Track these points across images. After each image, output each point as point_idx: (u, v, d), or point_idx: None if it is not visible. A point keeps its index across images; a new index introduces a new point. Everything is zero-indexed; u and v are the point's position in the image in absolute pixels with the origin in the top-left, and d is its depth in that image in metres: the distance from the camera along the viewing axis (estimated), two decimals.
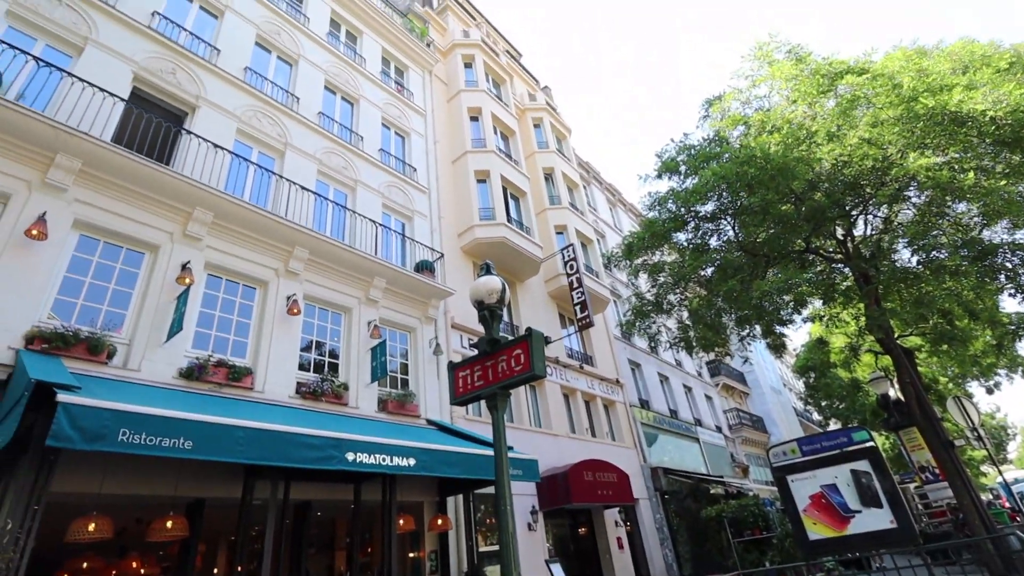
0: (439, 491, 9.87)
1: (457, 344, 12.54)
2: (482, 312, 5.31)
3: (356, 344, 10.09)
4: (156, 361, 7.19)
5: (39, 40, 8.50)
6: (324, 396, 8.87)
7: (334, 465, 6.24)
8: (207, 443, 5.22)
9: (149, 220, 8.03)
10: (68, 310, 6.93)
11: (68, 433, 4.42)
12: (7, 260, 6.48)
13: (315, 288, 9.89)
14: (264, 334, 8.68)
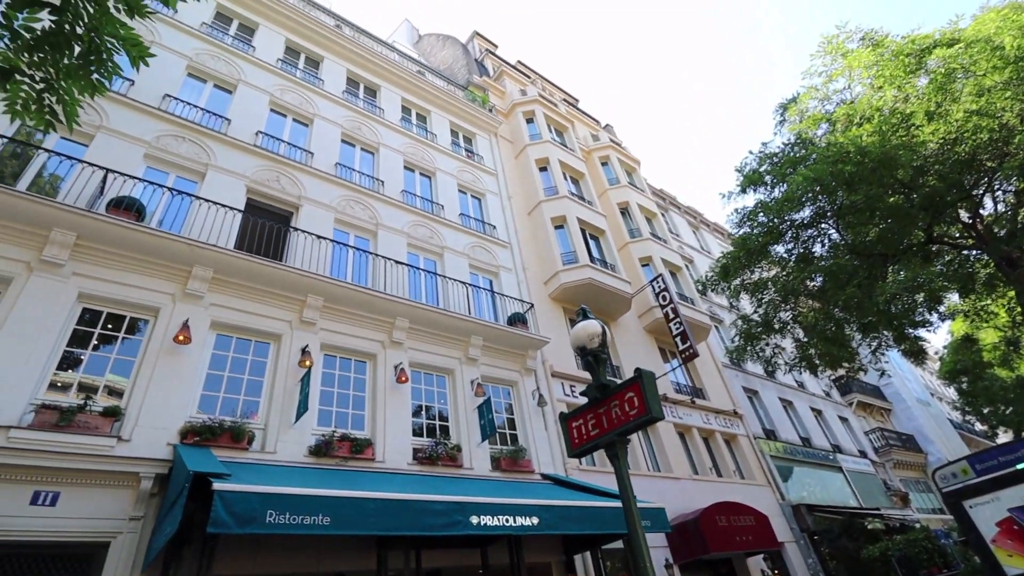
0: (564, 549, 9.51)
1: (560, 392, 12.38)
2: (586, 358, 5.23)
3: (463, 404, 10.28)
4: (288, 442, 7.75)
5: (171, 173, 9.99)
6: (440, 460, 9.03)
7: (459, 530, 6.25)
8: (342, 518, 5.46)
9: (271, 312, 8.89)
10: (212, 403, 7.72)
11: (224, 519, 4.81)
12: (161, 367, 7.42)
13: (418, 354, 10.31)
14: (378, 404, 9.12)
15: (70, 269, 7.43)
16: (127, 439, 6.59)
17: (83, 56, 2.96)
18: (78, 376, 7.00)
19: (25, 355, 6.54)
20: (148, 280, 7.99)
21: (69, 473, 6.04)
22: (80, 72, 2.97)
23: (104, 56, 3.02)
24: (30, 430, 6.09)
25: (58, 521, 5.80)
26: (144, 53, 3.28)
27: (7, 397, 6.18)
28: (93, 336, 7.39)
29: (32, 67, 2.91)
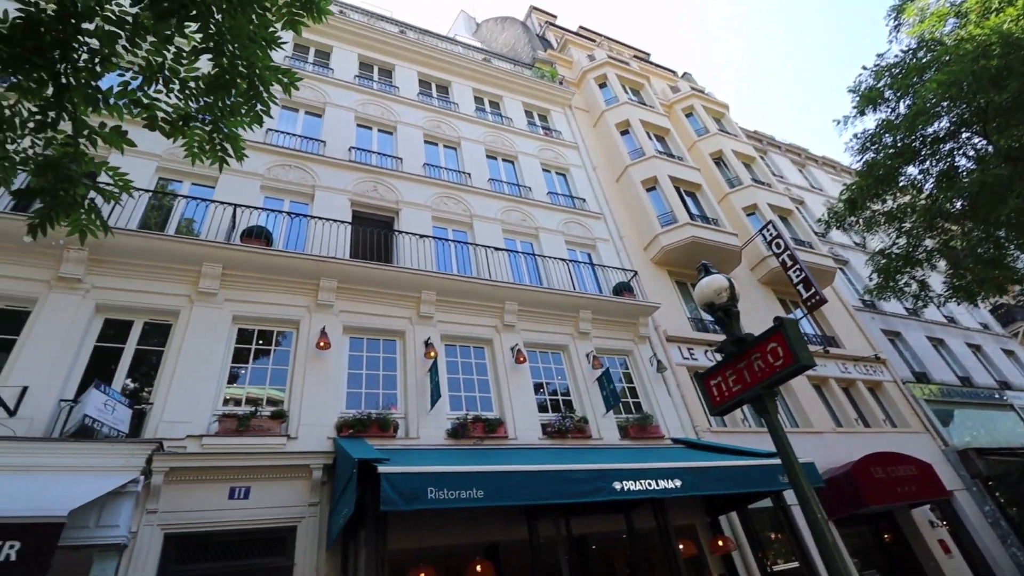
0: (708, 511, 9.30)
1: (678, 357, 12.02)
2: (716, 314, 5.04)
3: (582, 377, 10.34)
4: (428, 427, 8.29)
5: (285, 199, 10.94)
6: (568, 433, 9.19)
7: (604, 496, 6.33)
8: (493, 490, 5.74)
9: (391, 312, 9.49)
10: (357, 400, 8.44)
11: (393, 497, 5.25)
12: (311, 372, 8.21)
13: (532, 335, 10.50)
14: (502, 385, 9.44)
15: (223, 296, 8.42)
16: (295, 437, 7.41)
17: (243, 93, 3.34)
18: (245, 387, 7.97)
19: (203, 375, 7.55)
20: (285, 296, 8.85)
21: (254, 470, 6.91)
22: (244, 108, 3.37)
23: (261, 89, 3.38)
24: (217, 436, 7.06)
25: (253, 511, 6.68)
26: (294, 79, 3.61)
27: (196, 412, 7.19)
28: (250, 352, 8.36)
29: (201, 111, 3.34)
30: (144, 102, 3.26)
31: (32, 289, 7.43)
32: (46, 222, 3.26)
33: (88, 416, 6.21)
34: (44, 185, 3.15)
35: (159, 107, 3.33)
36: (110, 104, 3.13)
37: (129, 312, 7.91)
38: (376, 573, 5.41)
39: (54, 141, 3.27)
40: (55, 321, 7.25)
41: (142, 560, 5.96)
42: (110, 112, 3.14)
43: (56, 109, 3.12)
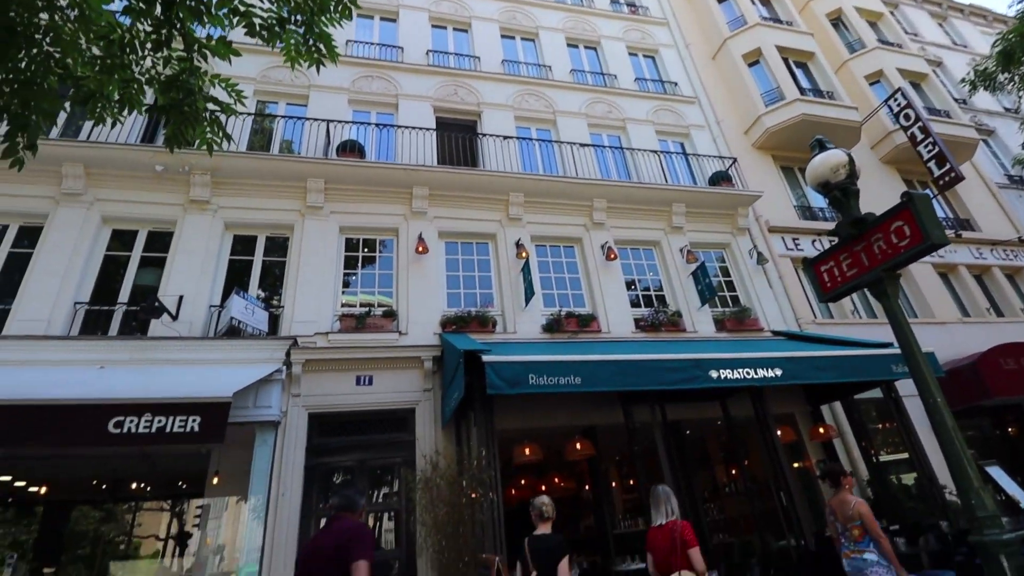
0: (808, 400, 9.17)
1: (780, 248, 11.31)
2: (831, 194, 4.62)
3: (675, 272, 10.14)
4: (524, 323, 8.70)
5: (371, 111, 11.12)
6: (662, 326, 9.23)
7: (699, 384, 6.43)
8: (590, 378, 6.04)
9: (481, 215, 9.69)
10: (457, 299, 8.97)
11: (497, 383, 5.70)
12: (413, 275, 8.77)
13: (622, 231, 10.32)
14: (593, 282, 9.55)
15: (328, 209, 9.02)
16: (405, 333, 8.14)
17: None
18: (357, 295, 8.74)
19: (322, 281, 8.34)
20: (382, 206, 9.30)
21: (374, 362, 7.76)
22: (332, 4, 3.44)
23: None
24: (340, 333, 7.92)
25: (377, 396, 7.60)
26: None
27: (320, 313, 8.05)
28: (358, 260, 9.04)
29: (293, 12, 3.45)
30: (241, 10, 3.40)
31: (171, 213, 8.42)
32: (178, 135, 3.64)
33: (234, 318, 7.20)
34: (169, 101, 3.48)
35: (255, 13, 3.46)
36: (212, 15, 3.30)
37: (252, 228, 8.76)
38: (487, 447, 6.03)
39: (171, 60, 3.55)
40: (194, 239, 8.23)
41: (293, 433, 7.11)
42: (213, 23, 3.32)
43: (167, 27, 3.35)
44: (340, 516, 3.06)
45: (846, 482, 5.10)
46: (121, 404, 5.04)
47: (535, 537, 3.92)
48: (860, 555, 4.64)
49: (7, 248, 7.81)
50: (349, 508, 3.09)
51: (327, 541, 2.83)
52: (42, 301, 7.24)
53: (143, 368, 6.71)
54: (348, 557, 2.70)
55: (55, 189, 8.04)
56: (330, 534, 2.89)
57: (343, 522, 2.97)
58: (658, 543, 4.09)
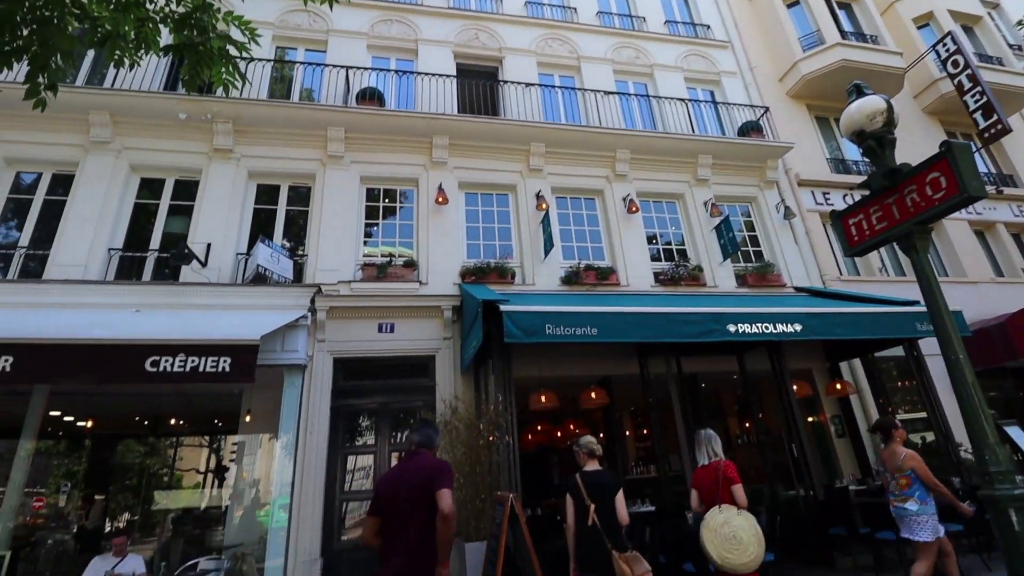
0: (827, 357, 9.14)
1: (810, 202, 10.98)
2: (865, 144, 4.44)
3: (698, 226, 9.97)
4: (542, 275, 8.75)
5: (391, 57, 10.88)
6: (682, 280, 9.18)
7: (716, 337, 6.43)
8: (607, 329, 6.09)
9: (502, 166, 9.58)
10: (476, 250, 9.02)
11: (515, 332, 5.81)
12: (433, 225, 8.81)
13: (645, 183, 10.12)
14: (614, 235, 9.47)
15: (349, 159, 9.01)
16: (425, 283, 8.27)
17: None
18: (379, 246, 8.84)
19: (344, 231, 8.44)
20: (402, 156, 9.25)
21: (395, 310, 7.94)
22: None
23: None
24: (362, 282, 8.08)
25: (399, 343, 7.83)
26: None
27: (343, 262, 8.20)
28: (379, 210, 9.09)
29: None
30: None
31: (197, 161, 8.53)
32: (194, 76, 3.65)
33: (260, 266, 7.40)
34: (184, 40, 3.49)
35: None
36: None
37: (275, 177, 8.84)
38: (504, 393, 6.22)
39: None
40: (219, 188, 8.36)
41: (319, 377, 7.41)
42: None
43: None
44: (420, 452, 3.23)
45: (897, 435, 5.20)
46: (157, 344, 5.31)
47: (587, 473, 4.11)
48: (903, 503, 4.85)
49: (42, 196, 8.07)
50: (427, 445, 3.28)
51: (414, 473, 3.02)
52: (78, 247, 7.53)
53: (175, 312, 7.00)
54: (432, 487, 2.89)
55: (84, 137, 8.19)
56: (415, 467, 3.08)
57: (424, 458, 3.16)
58: (703, 482, 4.39)
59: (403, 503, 2.92)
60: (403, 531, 2.85)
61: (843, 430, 8.96)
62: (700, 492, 4.43)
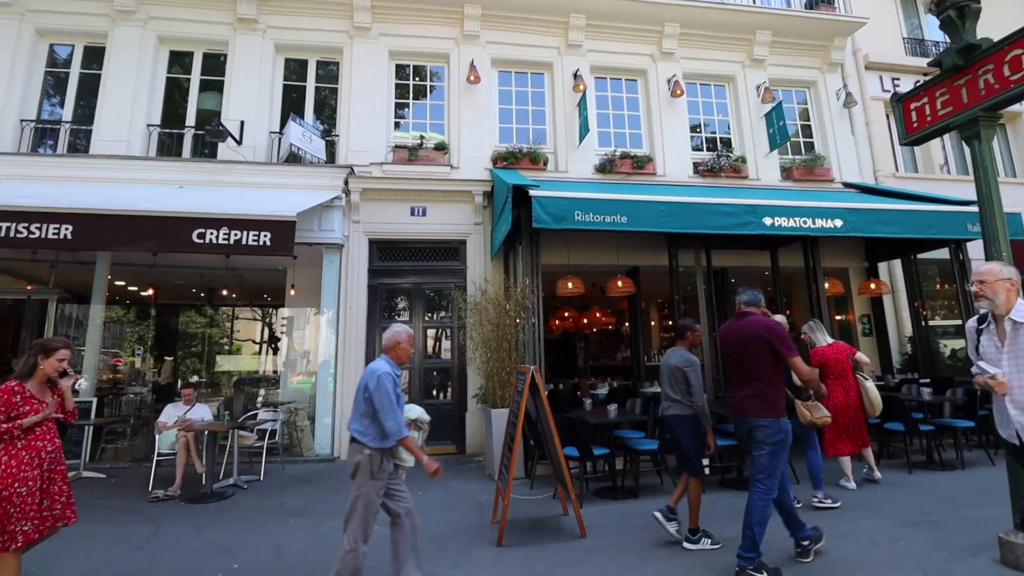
0: (867, 256, 8.89)
1: (875, 89, 10.00)
2: (945, 13, 3.97)
3: (746, 113, 9.32)
4: (576, 161, 8.52)
5: None
6: (722, 171, 8.80)
7: (751, 230, 6.30)
8: (637, 217, 6.03)
9: (538, 41, 8.94)
10: (509, 134, 8.76)
11: (543, 217, 5.82)
12: (464, 106, 8.48)
13: (693, 64, 9.34)
14: (654, 121, 8.98)
15: (377, 31, 8.55)
16: (456, 167, 8.20)
17: None
18: (410, 121, 8.66)
19: (374, 110, 8.27)
20: (433, 28, 8.70)
21: (426, 194, 7.99)
22: None
23: None
24: (394, 165, 8.07)
25: (431, 227, 7.98)
26: None
27: (374, 144, 8.13)
28: (409, 88, 8.78)
29: None
30: None
31: (222, 32, 8.26)
32: None
33: (293, 144, 7.43)
34: None
35: None
36: None
37: (302, 51, 8.54)
38: (531, 277, 6.39)
39: None
40: (247, 62, 8.16)
41: (355, 256, 7.73)
42: None
43: None
44: (748, 311, 3.54)
45: None
46: (203, 218, 5.59)
47: None
48: None
49: (77, 69, 8.08)
50: (755, 304, 3.58)
51: (751, 326, 3.41)
52: (118, 123, 7.67)
53: (215, 189, 7.23)
54: (777, 350, 3.28)
55: (108, 6, 7.97)
56: (750, 322, 3.44)
57: (755, 316, 3.48)
58: (838, 354, 5.17)
59: (746, 346, 3.38)
60: (748, 370, 3.38)
61: (870, 329, 8.96)
62: (829, 364, 5.11)
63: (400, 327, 3.33)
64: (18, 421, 2.88)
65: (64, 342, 3.12)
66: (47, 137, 7.87)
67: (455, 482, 5.93)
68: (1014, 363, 2.63)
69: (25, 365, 3.04)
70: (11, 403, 2.88)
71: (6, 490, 2.77)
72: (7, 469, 2.81)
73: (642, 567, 3.48)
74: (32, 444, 2.91)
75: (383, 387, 2.94)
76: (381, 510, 3.04)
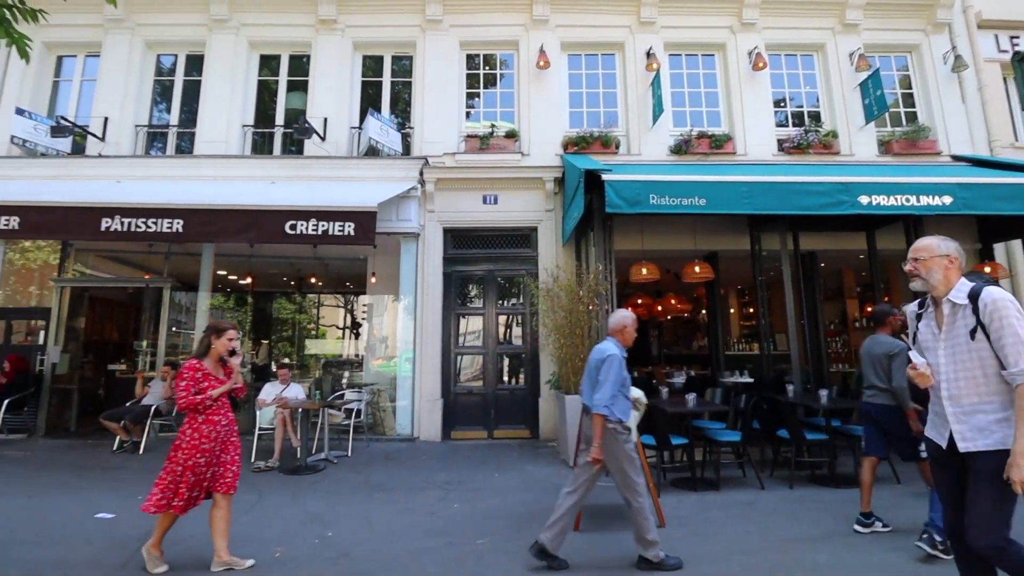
0: (980, 236, 8.02)
1: (990, 50, 8.91)
2: None
3: (838, 84, 8.63)
4: (650, 143, 8.27)
5: None
6: (811, 148, 8.22)
7: (845, 210, 5.85)
8: (717, 199, 5.77)
9: (608, 20, 8.73)
10: (579, 119, 8.64)
11: (617, 202, 5.71)
12: (534, 93, 8.46)
13: (777, 34, 8.76)
14: (733, 97, 8.54)
15: (447, 22, 8.69)
16: (527, 154, 8.22)
17: None
18: (481, 110, 8.76)
19: (446, 102, 8.44)
20: (502, 16, 8.73)
21: (498, 182, 8.08)
22: None
23: None
24: (466, 154, 8.21)
25: (502, 214, 8.08)
26: None
27: (446, 134, 8.31)
28: (479, 78, 8.87)
29: None
30: None
31: (305, 34, 8.71)
32: None
33: (372, 138, 7.75)
34: None
35: None
36: None
37: (378, 47, 8.86)
38: (605, 263, 6.32)
39: None
40: (328, 61, 8.58)
41: (431, 244, 7.98)
42: None
43: None
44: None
45: None
46: (294, 211, 5.99)
47: None
48: None
49: (181, 77, 8.84)
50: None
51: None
52: (217, 124, 8.33)
53: (302, 183, 7.70)
54: None
55: (206, 16, 8.62)
56: None
57: None
58: None
59: None
60: None
61: None
62: None
63: (626, 312, 3.64)
64: (208, 392, 3.22)
65: (231, 323, 3.43)
66: (156, 140, 8.68)
67: (530, 466, 6.04)
68: (951, 352, 2.22)
69: (201, 345, 3.37)
70: (195, 379, 3.21)
71: (189, 460, 3.13)
72: (191, 441, 3.17)
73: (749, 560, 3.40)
74: (210, 418, 3.24)
75: (612, 365, 3.23)
76: None
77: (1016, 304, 2.08)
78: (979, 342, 2.12)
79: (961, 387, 2.18)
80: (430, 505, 4.63)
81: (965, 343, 2.16)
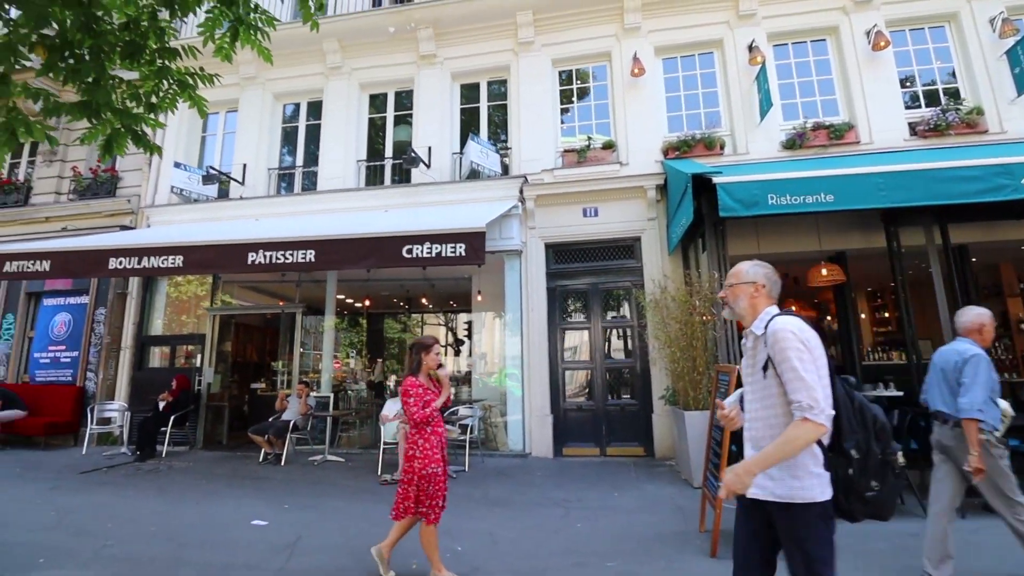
0: None
1: None
2: None
3: (977, 54, 7.63)
4: (758, 141, 7.81)
5: None
6: (950, 129, 7.31)
7: (1007, 195, 5.10)
8: (847, 194, 5.29)
9: (703, 19, 8.44)
10: (678, 122, 8.39)
11: (731, 205, 5.43)
12: (630, 101, 8.37)
13: (897, 8, 7.96)
14: (852, 82, 7.83)
15: (539, 43, 8.88)
16: (625, 163, 8.10)
17: None
18: (576, 124, 8.80)
19: (541, 119, 8.59)
20: (592, 29, 8.76)
21: (597, 194, 8.03)
22: None
23: None
24: (564, 169, 8.27)
25: (604, 226, 8.00)
26: None
27: (543, 151, 8.43)
28: (573, 93, 8.94)
29: None
30: None
31: (408, 71, 9.34)
32: None
33: (473, 162, 8.06)
34: None
35: None
36: None
37: (474, 75, 9.25)
38: (720, 270, 6.01)
39: None
40: (429, 93, 9.09)
41: (533, 260, 8.08)
42: None
43: None
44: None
45: None
46: (409, 235, 6.34)
47: None
48: None
49: (304, 122, 9.80)
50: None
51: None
52: (335, 162, 9.11)
53: (412, 209, 8.17)
54: None
55: (322, 66, 9.52)
56: None
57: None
58: None
59: None
60: None
61: None
62: None
63: (981, 309, 3.39)
64: (432, 404, 3.38)
65: (434, 338, 3.62)
66: (283, 180, 9.67)
67: (648, 485, 5.84)
68: (753, 388, 1.95)
69: (411, 362, 3.54)
70: (419, 395, 3.37)
71: (425, 470, 3.29)
72: (425, 452, 3.32)
73: None
74: (435, 430, 3.41)
75: (979, 365, 3.06)
76: None
77: (805, 335, 1.81)
78: (771, 378, 1.84)
79: (758, 428, 1.91)
80: (552, 523, 4.61)
81: (760, 379, 1.90)
